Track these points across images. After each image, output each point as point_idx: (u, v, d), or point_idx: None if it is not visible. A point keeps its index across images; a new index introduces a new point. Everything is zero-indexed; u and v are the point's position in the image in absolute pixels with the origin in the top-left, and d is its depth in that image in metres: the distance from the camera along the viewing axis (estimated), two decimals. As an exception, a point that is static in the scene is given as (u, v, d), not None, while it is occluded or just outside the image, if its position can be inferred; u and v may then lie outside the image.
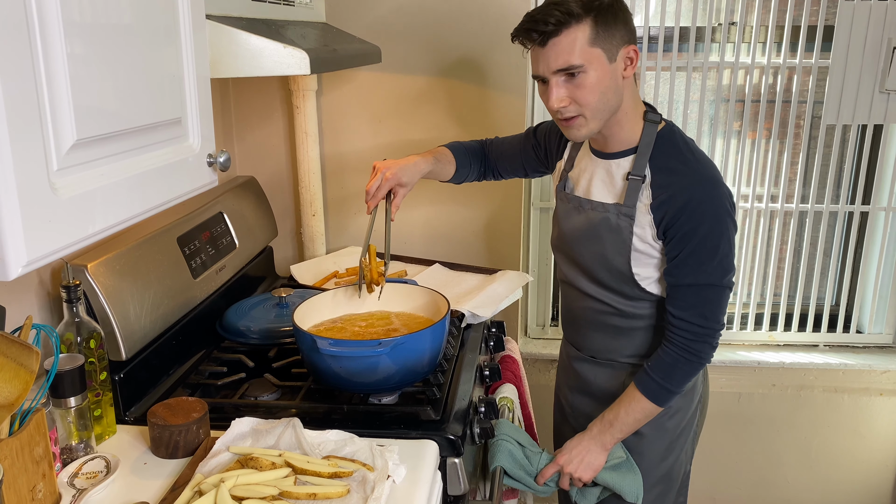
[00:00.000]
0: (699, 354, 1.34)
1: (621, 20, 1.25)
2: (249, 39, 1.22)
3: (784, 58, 2.07)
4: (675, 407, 1.47)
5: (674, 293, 1.35)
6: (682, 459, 1.54)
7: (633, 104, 1.34)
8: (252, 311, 1.66)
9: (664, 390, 1.37)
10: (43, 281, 1.31)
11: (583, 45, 1.23)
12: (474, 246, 2.14)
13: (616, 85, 1.28)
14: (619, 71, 1.28)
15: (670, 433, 1.49)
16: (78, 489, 1.08)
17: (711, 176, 1.31)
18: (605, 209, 1.38)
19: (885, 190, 2.18)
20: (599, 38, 1.23)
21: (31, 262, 0.73)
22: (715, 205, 1.29)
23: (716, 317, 1.34)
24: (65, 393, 1.13)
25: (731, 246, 1.31)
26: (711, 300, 1.33)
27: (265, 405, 1.36)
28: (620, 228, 1.36)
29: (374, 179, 1.45)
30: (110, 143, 0.88)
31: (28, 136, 0.73)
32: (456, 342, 1.60)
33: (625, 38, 1.26)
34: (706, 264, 1.30)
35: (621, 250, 1.37)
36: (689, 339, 1.34)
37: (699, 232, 1.29)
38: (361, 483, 1.07)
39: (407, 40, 1.99)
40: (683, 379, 1.37)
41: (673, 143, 1.34)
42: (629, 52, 1.27)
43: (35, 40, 0.74)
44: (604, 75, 1.26)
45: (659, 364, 1.36)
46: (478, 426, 1.39)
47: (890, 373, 2.21)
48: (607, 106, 1.29)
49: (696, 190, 1.29)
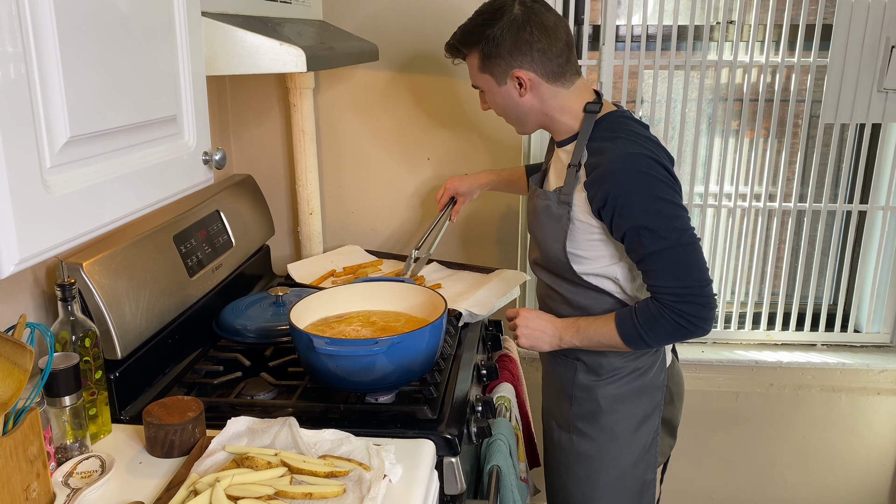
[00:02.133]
0: (686, 317, 1.30)
1: (506, 50, 1.35)
2: (246, 37, 1.21)
3: (782, 56, 2.07)
4: (624, 411, 1.47)
5: (643, 268, 1.34)
6: (639, 466, 1.50)
7: (564, 102, 1.40)
8: (248, 310, 1.66)
9: (638, 336, 1.35)
10: (37, 279, 1.30)
11: (475, 71, 1.43)
12: (471, 245, 2.14)
13: (514, 103, 1.41)
14: (511, 91, 1.40)
15: (618, 439, 1.48)
16: (73, 489, 1.07)
17: (640, 147, 1.31)
18: (546, 196, 1.42)
19: (882, 189, 2.18)
20: (486, 66, 1.40)
21: (23, 260, 0.73)
22: (641, 171, 1.28)
23: (692, 275, 1.30)
24: (59, 392, 1.12)
25: (673, 205, 1.29)
26: (680, 260, 1.30)
27: (261, 404, 1.35)
28: (560, 216, 1.39)
29: (441, 190, 1.84)
30: (104, 140, 0.87)
31: (20, 133, 0.72)
32: (453, 341, 1.60)
33: (511, 65, 1.37)
34: (655, 231, 1.28)
35: (558, 237, 1.41)
36: (674, 300, 1.30)
37: (631, 201, 1.28)
38: (358, 482, 1.07)
39: (404, 38, 1.98)
40: (664, 336, 1.34)
41: (609, 126, 1.37)
42: (517, 76, 1.37)
43: (28, 36, 0.73)
44: (497, 95, 1.42)
45: (644, 312, 1.34)
46: (475, 425, 1.39)
47: (887, 372, 2.21)
48: (513, 117, 1.46)
49: (619, 161, 1.30)
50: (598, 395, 1.48)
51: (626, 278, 1.42)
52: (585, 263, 1.41)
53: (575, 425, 1.52)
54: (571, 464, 1.54)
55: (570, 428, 1.53)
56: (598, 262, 1.40)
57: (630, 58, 2.09)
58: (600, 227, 1.36)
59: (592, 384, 1.48)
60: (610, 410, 1.48)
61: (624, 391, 1.47)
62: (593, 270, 1.41)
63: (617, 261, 1.40)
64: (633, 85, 2.14)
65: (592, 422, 1.49)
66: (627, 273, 1.42)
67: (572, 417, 1.52)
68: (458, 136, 2.05)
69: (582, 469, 1.52)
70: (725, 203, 2.21)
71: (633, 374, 1.47)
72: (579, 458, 1.52)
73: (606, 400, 1.48)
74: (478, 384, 1.62)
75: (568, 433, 1.53)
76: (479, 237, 2.13)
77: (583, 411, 1.50)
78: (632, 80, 2.13)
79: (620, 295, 1.43)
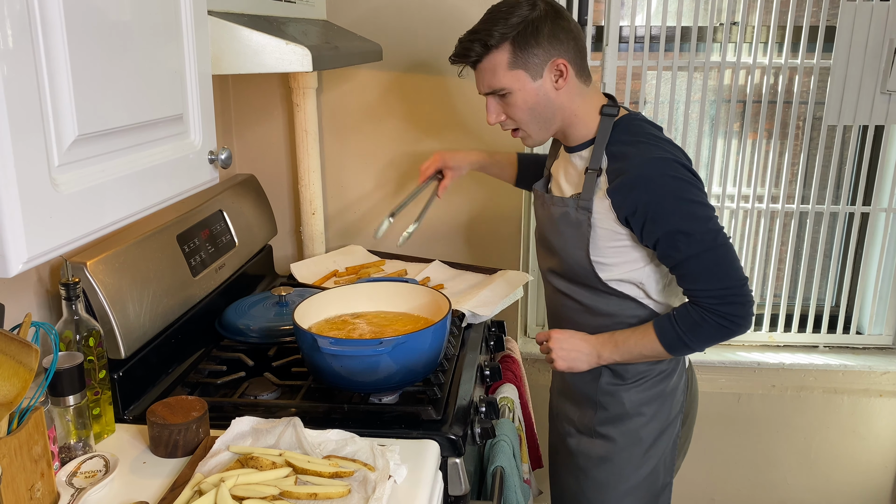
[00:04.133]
0: (730, 318, 1.29)
1: (544, 37, 1.28)
2: (252, 36, 1.21)
3: (785, 58, 2.07)
4: (650, 415, 1.46)
5: (678, 273, 1.32)
6: (659, 470, 1.50)
7: (584, 104, 1.36)
8: (251, 310, 1.66)
9: (682, 343, 1.34)
10: (42, 278, 1.30)
11: (503, 69, 1.31)
12: (474, 245, 2.14)
13: (547, 99, 1.33)
14: (547, 86, 1.32)
15: (643, 443, 1.47)
16: (76, 488, 1.07)
17: (663, 151, 1.30)
18: (564, 203, 1.39)
19: (885, 191, 2.18)
20: (519, 61, 1.30)
21: (31, 258, 0.73)
22: (669, 175, 1.27)
23: (730, 275, 1.29)
24: (63, 391, 1.12)
25: (705, 206, 1.29)
26: (717, 262, 1.29)
27: (265, 404, 1.35)
28: (580, 222, 1.36)
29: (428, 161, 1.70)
30: (112, 138, 0.87)
31: (29, 131, 0.72)
32: (456, 342, 1.60)
33: (550, 54, 1.30)
34: (692, 234, 1.27)
35: (580, 244, 1.37)
36: (716, 303, 1.29)
37: (664, 206, 1.27)
38: (362, 483, 1.06)
39: (408, 38, 1.98)
40: (708, 339, 1.33)
41: (628, 129, 1.35)
42: (557, 66, 1.31)
43: (37, 36, 0.73)
44: (529, 93, 1.33)
45: (685, 318, 1.33)
46: (479, 426, 1.39)
47: (890, 374, 2.21)
48: (542, 118, 1.36)
49: (646, 166, 1.28)
50: (623, 400, 1.46)
51: (651, 282, 1.39)
52: (609, 270, 1.38)
53: (597, 430, 1.49)
54: (591, 469, 1.51)
55: (593, 433, 1.50)
56: (622, 267, 1.37)
57: (633, 59, 2.09)
58: (626, 233, 1.33)
59: (617, 389, 1.46)
60: (636, 414, 1.46)
61: (649, 395, 1.46)
62: (617, 276, 1.38)
63: (643, 265, 1.37)
64: (636, 86, 2.14)
65: (618, 426, 1.47)
66: (653, 277, 1.39)
67: (596, 423, 1.49)
68: (462, 137, 2.05)
69: (602, 473, 1.50)
70: (728, 205, 2.21)
71: (657, 377, 1.45)
72: (601, 462, 1.49)
73: (633, 404, 1.46)
74: (481, 385, 1.62)
75: (590, 438, 1.51)
76: (481, 238, 2.13)
77: (608, 416, 1.48)
78: (635, 81, 2.13)
79: (645, 300, 1.41)
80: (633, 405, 1.46)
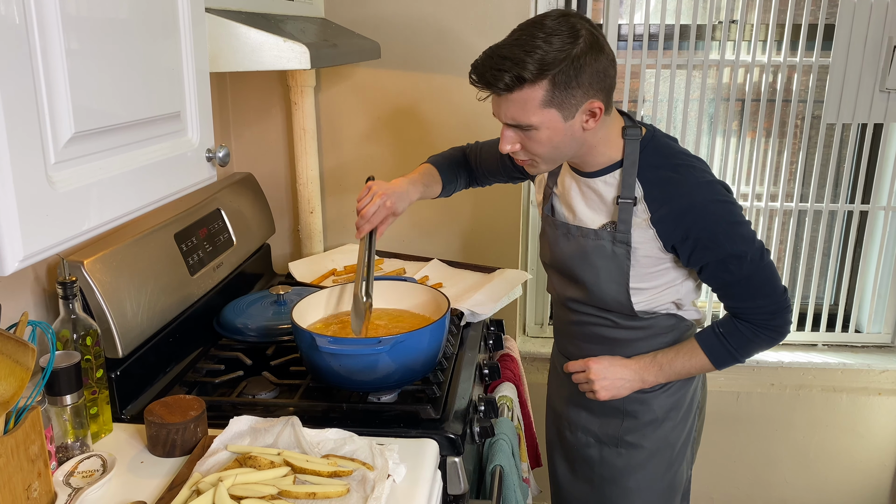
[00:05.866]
0: (780, 329, 1.33)
1: (587, 75, 1.15)
2: (249, 33, 1.20)
3: (784, 56, 2.07)
4: (678, 418, 1.46)
5: (725, 294, 1.34)
6: (683, 468, 1.52)
7: (606, 134, 1.28)
8: (250, 309, 1.65)
9: (731, 357, 1.35)
10: (39, 277, 1.30)
11: (535, 106, 1.17)
12: (473, 244, 2.13)
13: (573, 138, 1.23)
14: (577, 126, 1.21)
15: (673, 447, 1.47)
16: (74, 488, 1.06)
17: (702, 173, 1.29)
18: (597, 236, 1.33)
19: (884, 189, 2.18)
20: (555, 100, 1.16)
21: (27, 257, 0.72)
22: (718, 200, 1.27)
23: (776, 289, 1.31)
24: (61, 391, 1.11)
25: (747, 226, 1.29)
26: (765, 280, 1.30)
27: (263, 403, 1.35)
28: (616, 255, 1.32)
29: (372, 204, 1.39)
30: (108, 136, 0.87)
31: (25, 128, 0.72)
32: (455, 340, 1.59)
33: (588, 94, 1.18)
34: (743, 257, 1.27)
35: (617, 277, 1.34)
36: (768, 318, 1.31)
37: (717, 233, 1.26)
38: (361, 482, 1.06)
39: (406, 36, 1.98)
40: (757, 350, 1.36)
41: (658, 152, 1.30)
42: (592, 108, 1.20)
43: (33, 33, 0.73)
44: (556, 133, 1.21)
45: (734, 334, 1.34)
46: (477, 425, 1.38)
47: (888, 372, 2.21)
48: (561, 154, 1.27)
49: (694, 194, 1.26)
50: (654, 406, 1.45)
51: (688, 295, 1.39)
52: (643, 293, 1.36)
53: (624, 439, 1.47)
54: (619, 478, 1.49)
55: (619, 442, 1.48)
56: (658, 289, 1.36)
57: (632, 57, 2.09)
58: (670, 258, 1.32)
59: (646, 397, 1.44)
60: (665, 419, 1.45)
61: (676, 398, 1.45)
62: (649, 297, 1.36)
63: (681, 282, 1.37)
64: (635, 84, 2.13)
65: (647, 433, 1.46)
66: (690, 290, 1.39)
67: (622, 432, 1.47)
68: (460, 135, 2.04)
69: (631, 481, 1.48)
70: (727, 203, 2.21)
71: (679, 382, 1.45)
72: (630, 471, 1.48)
73: (663, 409, 1.45)
74: (480, 384, 1.61)
75: (614, 448, 1.48)
76: (480, 236, 2.12)
77: (638, 424, 1.46)
78: (633, 79, 2.12)
79: (676, 311, 1.40)
80: (663, 411, 1.45)
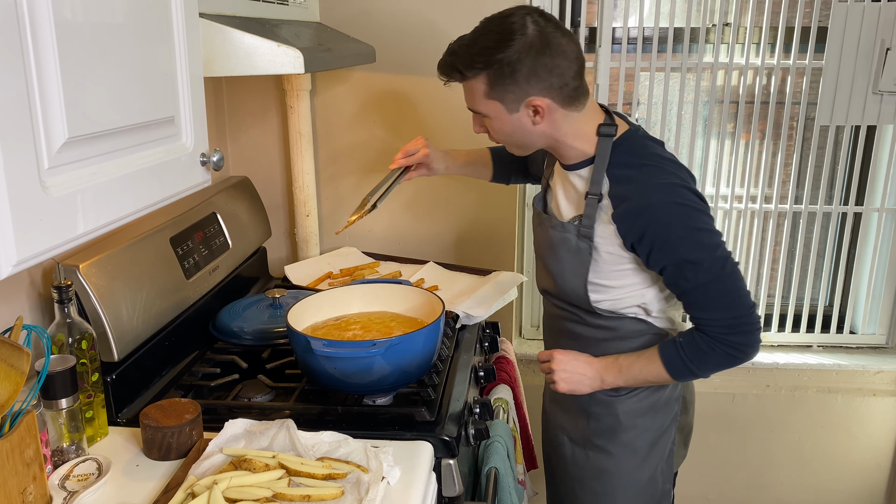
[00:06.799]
0: (738, 346, 1.27)
1: (522, 73, 1.21)
2: (243, 38, 1.21)
3: (778, 59, 2.08)
4: (644, 426, 1.45)
5: (685, 301, 1.31)
6: (657, 479, 1.49)
7: (575, 126, 1.30)
8: (245, 312, 1.65)
9: (688, 370, 1.31)
10: (34, 281, 1.30)
11: (480, 97, 1.28)
12: (468, 246, 2.14)
13: (525, 130, 1.29)
14: (524, 120, 1.27)
15: (638, 453, 1.46)
16: (69, 491, 1.07)
17: (669, 174, 1.27)
18: (564, 228, 1.35)
19: (878, 191, 2.19)
20: (495, 94, 1.25)
21: (21, 261, 0.73)
22: (676, 202, 1.24)
23: (738, 303, 1.26)
24: (56, 394, 1.12)
25: (712, 233, 1.25)
26: (724, 290, 1.26)
27: (259, 406, 1.35)
28: (580, 250, 1.33)
29: (413, 146, 1.63)
30: (102, 141, 0.87)
31: (18, 134, 0.72)
32: (450, 343, 1.60)
33: (527, 93, 1.24)
34: (700, 264, 1.24)
35: (578, 271, 1.35)
36: (724, 332, 1.27)
37: (671, 236, 1.24)
38: (356, 485, 1.06)
39: (401, 40, 1.98)
40: (715, 367, 1.31)
41: (629, 150, 1.30)
42: (533, 104, 1.25)
43: (26, 38, 0.73)
44: (506, 123, 1.29)
45: (692, 346, 1.30)
46: (472, 427, 1.39)
47: (883, 373, 2.22)
48: (520, 143, 1.34)
49: (652, 193, 1.24)
50: (617, 411, 1.44)
51: (654, 301, 1.37)
52: (608, 292, 1.35)
53: (592, 441, 1.47)
54: (587, 480, 1.50)
55: (587, 444, 1.48)
56: (624, 290, 1.35)
57: (626, 60, 2.09)
58: (631, 257, 1.30)
59: (611, 400, 1.44)
60: (630, 426, 1.44)
61: (643, 405, 1.44)
62: (615, 297, 1.36)
63: (647, 286, 1.35)
64: (630, 87, 2.14)
65: (612, 438, 1.45)
66: (656, 297, 1.37)
67: (590, 434, 1.47)
68: (456, 138, 2.05)
69: (600, 485, 1.48)
70: (721, 205, 2.22)
71: (650, 388, 1.43)
72: (597, 473, 1.48)
73: (626, 415, 1.44)
74: (475, 386, 1.62)
75: (584, 449, 1.49)
76: (476, 239, 2.13)
77: (602, 427, 1.46)
78: (628, 82, 2.13)
79: (645, 316, 1.39)
80: (626, 417, 1.44)
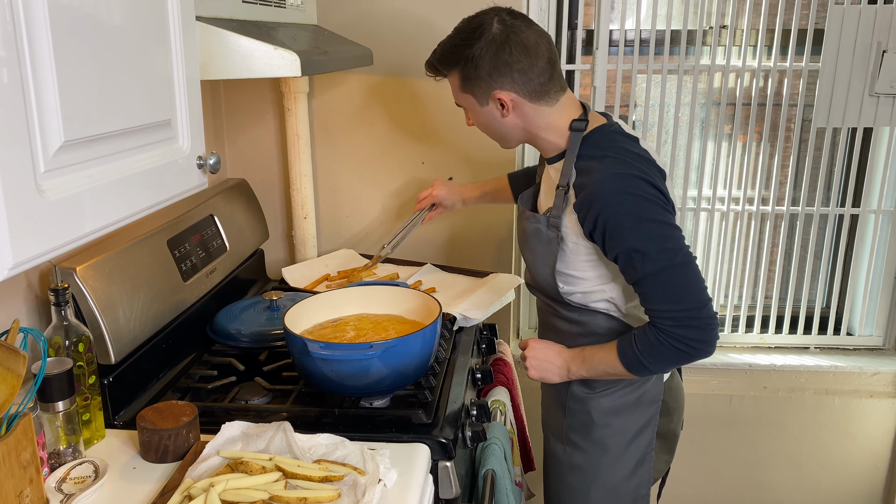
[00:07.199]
0: (685, 341, 1.25)
1: (484, 69, 1.31)
2: (240, 41, 1.21)
3: (774, 61, 2.08)
4: (617, 426, 1.45)
5: (638, 290, 1.30)
6: (631, 481, 1.49)
7: (547, 121, 1.36)
8: (243, 315, 1.66)
9: (640, 364, 1.31)
10: (31, 284, 1.30)
11: (457, 90, 1.39)
12: (466, 249, 2.14)
13: (497, 122, 1.39)
14: (494, 112, 1.37)
15: (612, 451, 1.47)
16: (66, 494, 1.07)
17: (627, 165, 1.27)
18: (536, 220, 1.40)
19: (874, 193, 2.19)
20: (467, 88, 1.36)
21: (17, 265, 0.73)
22: (627, 192, 1.24)
23: (688, 297, 1.24)
24: (53, 397, 1.12)
25: (663, 224, 1.25)
26: (674, 282, 1.24)
27: (256, 409, 1.35)
28: (549, 240, 1.38)
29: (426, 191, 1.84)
30: (99, 144, 0.87)
31: (14, 137, 0.72)
32: (448, 345, 1.60)
33: (491, 87, 1.33)
34: (647, 253, 1.24)
35: (547, 261, 1.39)
36: (672, 325, 1.25)
37: (620, 224, 1.24)
38: (352, 487, 1.06)
39: (398, 42, 1.99)
40: (666, 361, 1.30)
41: (597, 143, 1.33)
42: (498, 98, 1.34)
43: (21, 41, 0.73)
44: (480, 115, 1.40)
45: (642, 338, 1.29)
46: (470, 430, 1.39)
47: (880, 375, 2.22)
48: (497, 135, 1.44)
49: (604, 182, 1.25)
50: (590, 408, 1.46)
51: (621, 297, 1.39)
52: (577, 284, 1.39)
53: (568, 437, 1.50)
54: (565, 474, 1.53)
55: (565, 439, 1.51)
56: (591, 282, 1.38)
57: (623, 62, 2.10)
58: (594, 248, 1.33)
59: (586, 396, 1.46)
60: (602, 424, 1.46)
61: (618, 404, 1.45)
62: (584, 289, 1.39)
63: (611, 280, 1.38)
64: (627, 89, 2.15)
65: (585, 434, 1.48)
66: (623, 291, 1.39)
67: (566, 429, 1.50)
68: (453, 140, 2.05)
69: (575, 480, 1.51)
70: (718, 207, 2.22)
71: (628, 387, 1.44)
72: (572, 469, 1.51)
73: (599, 413, 1.45)
74: (472, 388, 1.62)
75: (562, 444, 1.52)
76: (473, 241, 2.13)
77: (576, 423, 1.49)
78: (625, 84, 2.14)
79: (615, 312, 1.41)
80: (599, 414, 1.45)
